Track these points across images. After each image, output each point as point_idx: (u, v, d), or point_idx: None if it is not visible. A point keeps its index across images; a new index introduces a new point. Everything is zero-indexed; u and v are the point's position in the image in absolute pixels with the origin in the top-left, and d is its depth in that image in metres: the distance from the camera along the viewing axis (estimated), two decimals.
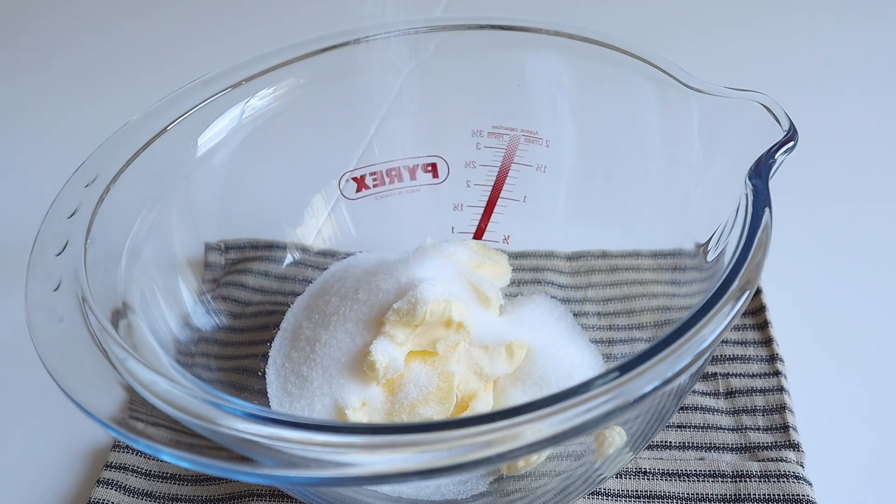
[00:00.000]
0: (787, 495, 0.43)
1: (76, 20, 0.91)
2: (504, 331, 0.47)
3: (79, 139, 0.54)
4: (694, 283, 0.45)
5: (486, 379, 0.46)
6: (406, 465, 0.30)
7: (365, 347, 0.44)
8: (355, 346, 0.45)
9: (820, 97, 0.72)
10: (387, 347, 0.44)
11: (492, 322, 0.47)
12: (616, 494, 0.44)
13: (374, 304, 0.46)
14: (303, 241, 0.55)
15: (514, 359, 0.46)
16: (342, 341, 0.45)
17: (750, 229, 0.36)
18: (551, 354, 0.47)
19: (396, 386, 0.44)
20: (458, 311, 0.44)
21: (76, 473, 0.48)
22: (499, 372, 0.46)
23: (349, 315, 0.46)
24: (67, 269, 0.39)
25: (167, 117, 0.47)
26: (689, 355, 0.31)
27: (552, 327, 0.50)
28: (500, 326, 0.47)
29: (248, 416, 0.32)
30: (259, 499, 0.44)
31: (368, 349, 0.44)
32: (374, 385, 0.44)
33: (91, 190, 0.43)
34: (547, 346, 0.47)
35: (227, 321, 0.51)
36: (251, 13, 0.91)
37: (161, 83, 0.52)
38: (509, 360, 0.46)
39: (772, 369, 0.49)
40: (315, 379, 0.45)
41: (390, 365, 0.43)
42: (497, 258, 0.52)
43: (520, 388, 0.46)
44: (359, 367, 0.44)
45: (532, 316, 0.50)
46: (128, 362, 0.35)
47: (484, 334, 0.46)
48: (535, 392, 0.45)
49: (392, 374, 0.44)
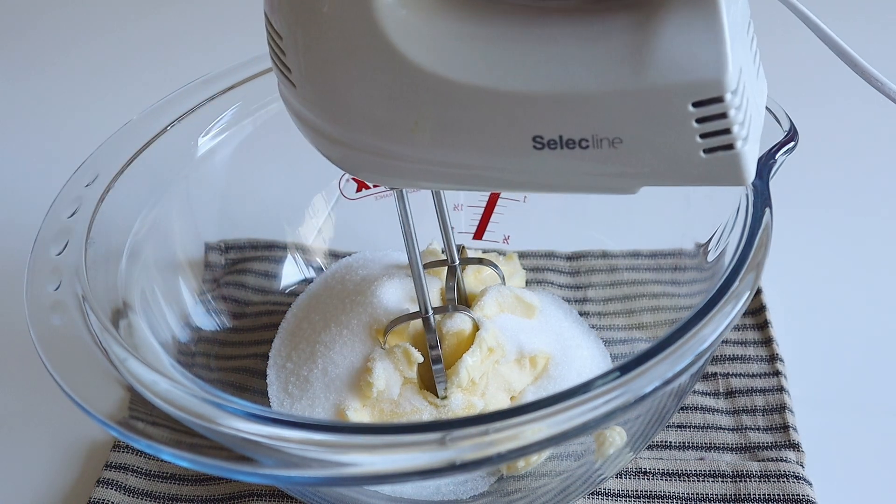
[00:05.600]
0: (787, 495, 0.43)
1: (76, 20, 0.91)
2: (530, 339, 0.46)
3: (79, 139, 0.53)
4: (694, 284, 0.45)
5: (513, 393, 0.46)
6: (406, 465, 0.30)
7: (365, 354, 0.44)
8: (355, 352, 0.45)
9: (821, 97, 0.72)
10: (388, 370, 0.43)
11: (522, 330, 0.46)
12: (616, 494, 0.44)
13: (376, 306, 0.46)
14: (303, 241, 0.55)
15: (537, 369, 0.46)
16: (342, 344, 0.45)
17: (750, 230, 0.36)
18: (569, 356, 0.47)
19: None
20: (493, 338, 0.44)
21: (76, 473, 0.48)
22: (524, 383, 0.46)
23: (350, 317, 0.46)
24: (68, 269, 0.39)
25: (167, 117, 0.47)
26: (690, 355, 0.31)
27: (567, 328, 0.49)
28: (526, 335, 0.46)
29: (248, 416, 0.32)
30: (259, 499, 0.44)
31: (369, 365, 0.43)
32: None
33: (91, 189, 0.43)
34: (568, 348, 0.47)
35: (228, 321, 0.51)
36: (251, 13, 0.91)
37: (161, 83, 0.52)
38: (532, 370, 0.46)
39: (772, 369, 0.49)
40: (315, 380, 0.44)
41: (386, 390, 0.43)
42: (510, 263, 0.52)
43: (535, 389, 0.46)
44: (357, 374, 0.44)
45: (551, 315, 0.49)
46: (128, 362, 0.35)
47: (515, 348, 0.45)
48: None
49: (385, 397, 0.43)
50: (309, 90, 0.33)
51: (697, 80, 0.28)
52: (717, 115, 0.28)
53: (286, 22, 0.32)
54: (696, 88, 0.28)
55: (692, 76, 0.28)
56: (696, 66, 0.28)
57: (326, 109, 0.33)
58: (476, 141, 0.31)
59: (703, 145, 0.29)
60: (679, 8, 0.28)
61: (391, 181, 0.35)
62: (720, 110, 0.28)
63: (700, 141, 0.29)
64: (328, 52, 0.31)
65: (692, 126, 0.28)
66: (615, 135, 0.29)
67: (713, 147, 0.29)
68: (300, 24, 0.32)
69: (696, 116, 0.28)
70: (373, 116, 0.32)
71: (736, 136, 0.29)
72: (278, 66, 0.34)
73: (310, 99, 0.33)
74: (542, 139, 0.30)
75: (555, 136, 0.30)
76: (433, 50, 0.30)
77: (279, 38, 0.32)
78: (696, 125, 0.28)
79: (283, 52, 0.33)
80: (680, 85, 0.28)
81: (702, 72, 0.28)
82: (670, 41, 0.28)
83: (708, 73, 0.28)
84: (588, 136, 0.29)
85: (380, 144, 0.32)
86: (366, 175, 0.35)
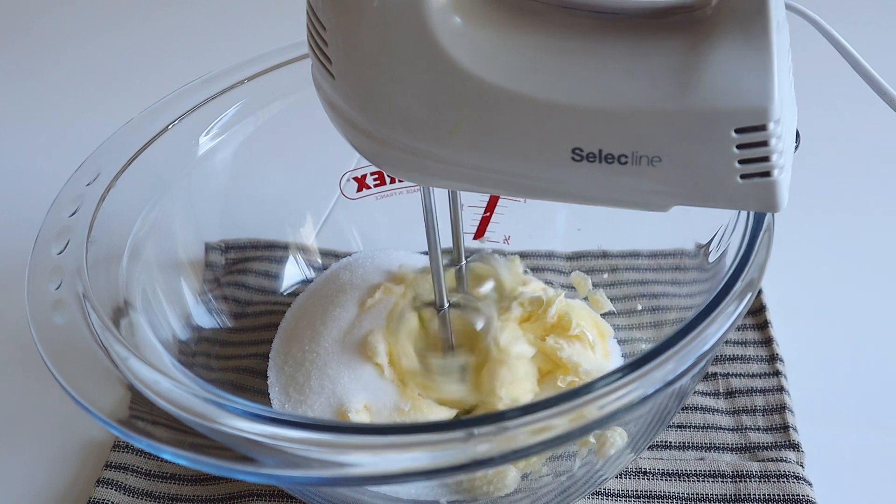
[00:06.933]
0: (787, 495, 0.43)
1: (77, 20, 0.91)
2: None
3: (80, 138, 0.53)
4: (695, 284, 0.45)
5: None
6: (406, 465, 0.30)
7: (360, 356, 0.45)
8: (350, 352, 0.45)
9: (822, 98, 0.72)
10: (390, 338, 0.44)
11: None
12: (616, 494, 0.44)
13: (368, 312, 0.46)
14: (304, 241, 0.55)
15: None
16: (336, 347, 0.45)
17: (752, 230, 0.36)
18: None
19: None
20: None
21: (76, 473, 0.48)
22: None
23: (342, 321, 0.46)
24: (69, 268, 0.39)
25: (168, 116, 0.47)
26: (693, 357, 0.31)
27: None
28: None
29: (249, 416, 0.32)
30: (259, 499, 0.44)
31: (369, 339, 0.44)
32: (380, 381, 0.44)
33: (92, 188, 0.43)
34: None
35: (229, 321, 0.51)
36: (252, 13, 0.91)
37: (161, 83, 0.52)
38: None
39: (772, 369, 0.49)
40: (315, 380, 0.44)
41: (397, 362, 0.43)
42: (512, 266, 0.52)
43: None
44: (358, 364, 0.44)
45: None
46: (129, 361, 0.35)
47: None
48: None
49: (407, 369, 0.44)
50: (348, 83, 0.33)
51: (743, 107, 0.28)
52: (758, 142, 0.28)
53: (332, 13, 0.32)
54: (742, 115, 0.28)
55: (738, 103, 0.28)
56: (743, 93, 0.28)
57: (365, 104, 0.33)
58: (514, 148, 0.31)
59: (740, 171, 0.29)
60: (731, 34, 0.28)
61: (419, 179, 0.35)
62: (762, 138, 0.28)
63: (738, 166, 0.29)
64: (373, 47, 0.31)
65: (732, 151, 0.29)
66: (655, 153, 0.29)
67: (751, 173, 0.29)
68: (347, 17, 0.31)
69: (738, 142, 0.28)
70: (412, 115, 0.32)
71: (774, 165, 0.29)
72: (317, 55, 0.33)
73: (348, 92, 0.33)
74: (582, 151, 0.30)
75: (594, 150, 0.30)
76: (480, 54, 0.30)
77: (322, 28, 0.32)
78: (737, 151, 0.29)
79: (325, 43, 0.32)
80: (726, 110, 0.28)
81: (748, 99, 0.28)
82: (720, 66, 0.28)
83: (754, 101, 0.28)
84: (628, 153, 0.30)
85: (416, 143, 0.32)
86: (393, 170, 0.35)
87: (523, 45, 0.30)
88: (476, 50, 0.30)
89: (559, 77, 0.30)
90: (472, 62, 0.30)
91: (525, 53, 0.30)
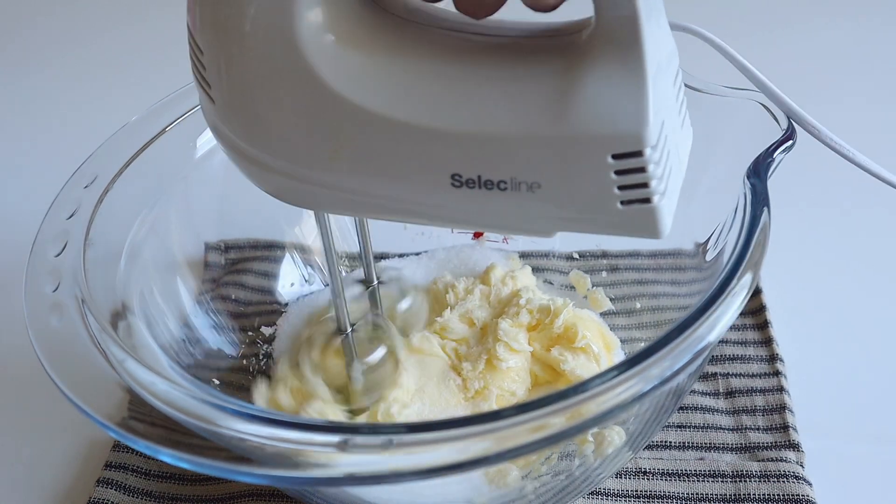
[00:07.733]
0: (787, 495, 0.43)
1: (76, 20, 0.91)
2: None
3: (78, 139, 0.53)
4: (693, 283, 0.45)
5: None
6: (404, 465, 0.30)
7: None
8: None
9: (818, 95, 0.72)
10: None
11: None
12: (616, 494, 0.44)
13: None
14: (303, 241, 0.55)
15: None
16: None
17: (748, 228, 0.36)
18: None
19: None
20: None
21: (76, 473, 0.48)
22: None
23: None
24: (67, 270, 0.39)
25: (166, 118, 0.47)
26: (688, 354, 0.31)
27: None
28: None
29: (247, 417, 0.32)
30: (259, 499, 0.44)
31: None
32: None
33: (90, 191, 0.43)
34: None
35: (227, 321, 0.51)
36: None
37: (161, 83, 0.52)
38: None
39: (772, 369, 0.49)
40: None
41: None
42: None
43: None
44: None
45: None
46: (127, 363, 0.35)
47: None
48: None
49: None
50: (228, 108, 0.32)
51: (617, 132, 0.28)
52: (635, 168, 0.28)
53: (207, 37, 0.31)
54: (616, 141, 0.28)
55: (612, 128, 0.28)
56: (616, 119, 0.28)
57: (245, 130, 0.32)
58: (395, 174, 0.31)
59: (620, 197, 0.29)
60: (605, 57, 0.28)
61: (307, 205, 0.35)
62: (639, 164, 0.28)
63: (618, 192, 0.29)
64: (248, 72, 0.31)
65: (611, 178, 0.28)
66: (534, 179, 0.29)
67: (630, 199, 0.29)
68: (221, 42, 0.31)
69: (615, 168, 0.28)
70: (292, 141, 0.31)
71: (654, 191, 0.29)
72: (198, 80, 0.33)
73: (228, 117, 0.33)
74: (461, 178, 0.30)
75: (473, 176, 0.30)
76: (356, 79, 0.30)
77: (200, 52, 0.32)
78: (615, 177, 0.28)
79: (203, 66, 0.32)
80: (600, 136, 0.28)
81: (622, 125, 0.27)
82: (595, 91, 0.28)
83: (629, 127, 0.27)
84: (507, 179, 0.29)
85: (298, 169, 0.32)
86: (282, 196, 0.34)
87: (399, 67, 0.30)
88: (350, 73, 0.30)
89: (435, 101, 0.29)
90: (345, 87, 0.30)
91: (400, 76, 0.30)
